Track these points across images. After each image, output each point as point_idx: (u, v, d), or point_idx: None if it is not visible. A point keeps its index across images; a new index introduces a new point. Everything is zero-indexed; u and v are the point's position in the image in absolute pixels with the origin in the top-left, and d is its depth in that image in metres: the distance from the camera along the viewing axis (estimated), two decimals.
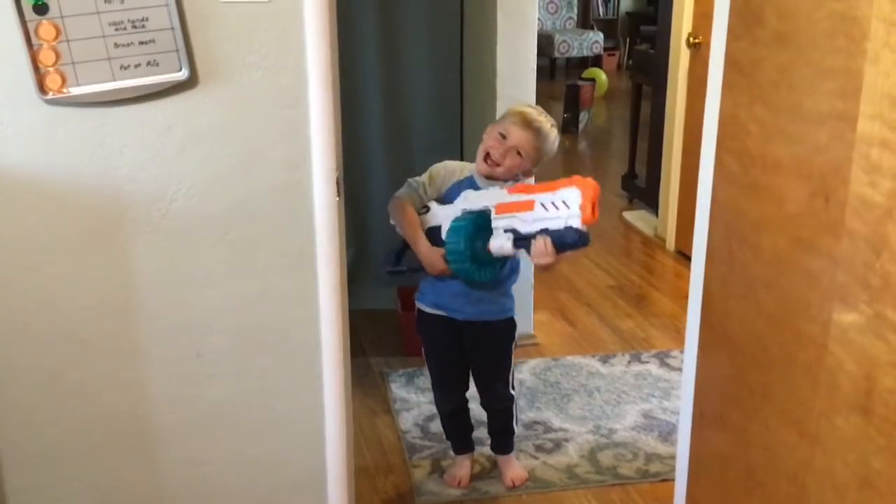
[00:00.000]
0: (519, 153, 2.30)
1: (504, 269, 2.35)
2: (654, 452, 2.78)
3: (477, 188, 2.35)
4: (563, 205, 2.04)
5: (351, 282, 2.21)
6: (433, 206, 2.38)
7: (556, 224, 2.06)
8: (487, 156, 2.32)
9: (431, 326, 2.49)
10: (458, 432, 2.66)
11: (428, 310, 2.48)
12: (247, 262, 1.82)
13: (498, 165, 2.31)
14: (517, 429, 2.66)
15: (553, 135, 2.36)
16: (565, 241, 2.07)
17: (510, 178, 2.34)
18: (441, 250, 2.28)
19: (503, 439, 2.66)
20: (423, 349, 2.58)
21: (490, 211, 2.21)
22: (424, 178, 2.43)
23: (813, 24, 1.66)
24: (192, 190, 1.75)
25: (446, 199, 2.38)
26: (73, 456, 1.88)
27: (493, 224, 2.20)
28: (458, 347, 2.50)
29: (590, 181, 2.04)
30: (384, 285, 3.67)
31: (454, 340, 2.49)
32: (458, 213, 2.27)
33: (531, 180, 2.42)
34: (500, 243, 2.17)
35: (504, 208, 2.18)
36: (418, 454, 2.76)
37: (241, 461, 1.95)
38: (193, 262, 1.80)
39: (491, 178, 2.33)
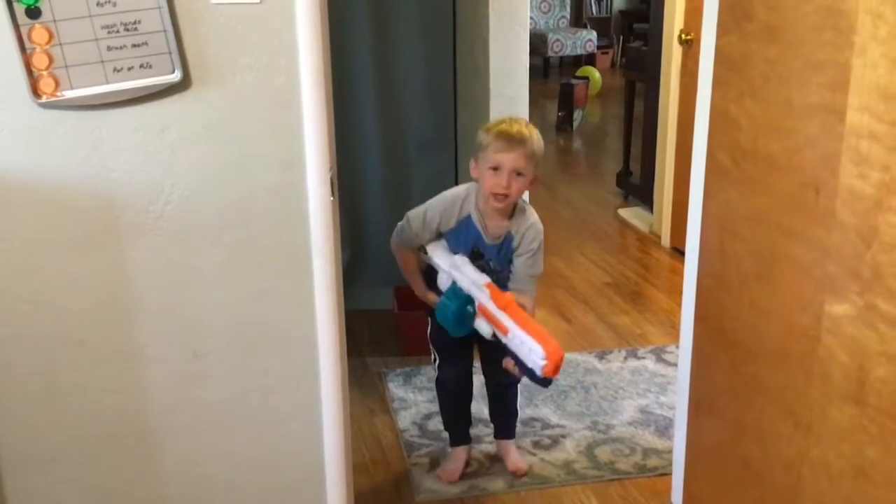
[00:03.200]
0: (519, 173, 2.30)
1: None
2: (651, 447, 2.79)
3: (476, 231, 2.39)
4: (531, 352, 2.19)
5: (347, 283, 2.22)
6: (430, 250, 2.45)
7: (524, 359, 2.22)
8: (494, 196, 2.32)
9: None
10: (460, 418, 2.67)
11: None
12: (242, 262, 1.83)
13: (507, 196, 2.32)
14: (520, 412, 2.66)
15: (534, 134, 2.35)
16: (530, 376, 2.25)
17: (520, 198, 2.39)
18: (434, 296, 2.45)
19: (507, 423, 2.67)
20: (429, 330, 2.57)
21: (474, 300, 2.33)
22: (418, 223, 2.43)
23: (801, 17, 1.68)
24: (186, 191, 1.76)
25: (447, 237, 2.44)
26: (71, 457, 1.89)
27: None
28: None
29: (557, 348, 2.19)
30: (381, 286, 3.68)
31: None
32: (450, 273, 2.37)
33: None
34: (484, 328, 2.32)
35: (485, 313, 2.30)
36: (416, 452, 2.77)
37: (239, 461, 1.96)
38: (189, 263, 1.81)
39: (503, 210, 2.37)
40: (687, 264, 2.24)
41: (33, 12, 1.59)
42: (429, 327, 2.57)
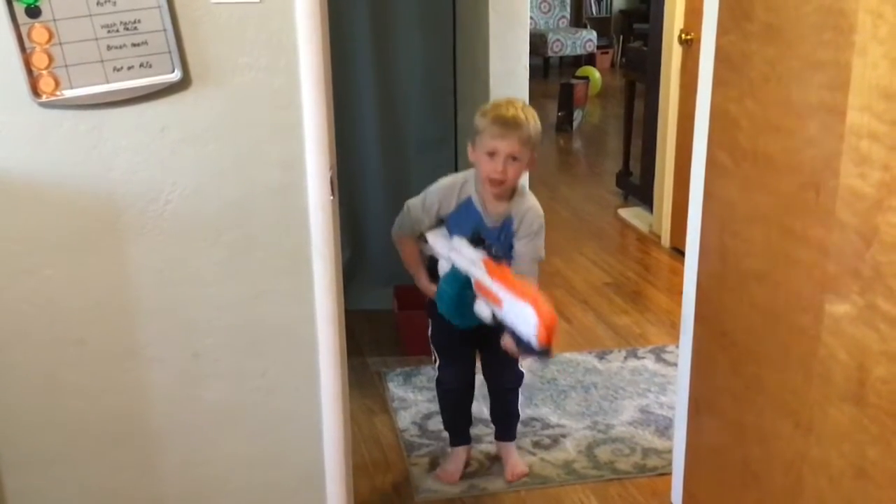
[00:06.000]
0: (514, 158, 2.29)
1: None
2: (651, 447, 2.79)
3: (477, 213, 2.37)
4: (524, 321, 2.10)
5: (347, 282, 2.22)
6: (430, 238, 2.42)
7: (520, 331, 2.14)
8: (490, 181, 2.31)
9: None
10: (460, 419, 2.66)
11: None
12: (242, 262, 1.82)
13: (503, 182, 2.31)
14: (521, 414, 2.66)
15: (531, 116, 2.34)
16: (528, 350, 2.20)
17: (518, 181, 2.36)
18: (436, 288, 2.40)
19: (508, 424, 2.67)
20: (430, 331, 2.57)
21: (471, 279, 2.27)
22: (417, 209, 2.42)
23: (801, 17, 1.68)
24: (186, 191, 1.76)
25: (448, 222, 2.41)
26: (71, 457, 1.89)
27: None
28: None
29: (549, 311, 2.09)
30: (381, 286, 3.68)
31: None
32: (449, 257, 2.34)
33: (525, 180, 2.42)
34: (483, 310, 2.25)
35: (480, 289, 2.24)
36: (416, 452, 2.77)
37: (239, 461, 1.96)
38: (189, 263, 1.81)
39: (501, 195, 2.35)
40: (687, 264, 2.24)
41: (33, 11, 1.59)
42: (429, 328, 2.57)
